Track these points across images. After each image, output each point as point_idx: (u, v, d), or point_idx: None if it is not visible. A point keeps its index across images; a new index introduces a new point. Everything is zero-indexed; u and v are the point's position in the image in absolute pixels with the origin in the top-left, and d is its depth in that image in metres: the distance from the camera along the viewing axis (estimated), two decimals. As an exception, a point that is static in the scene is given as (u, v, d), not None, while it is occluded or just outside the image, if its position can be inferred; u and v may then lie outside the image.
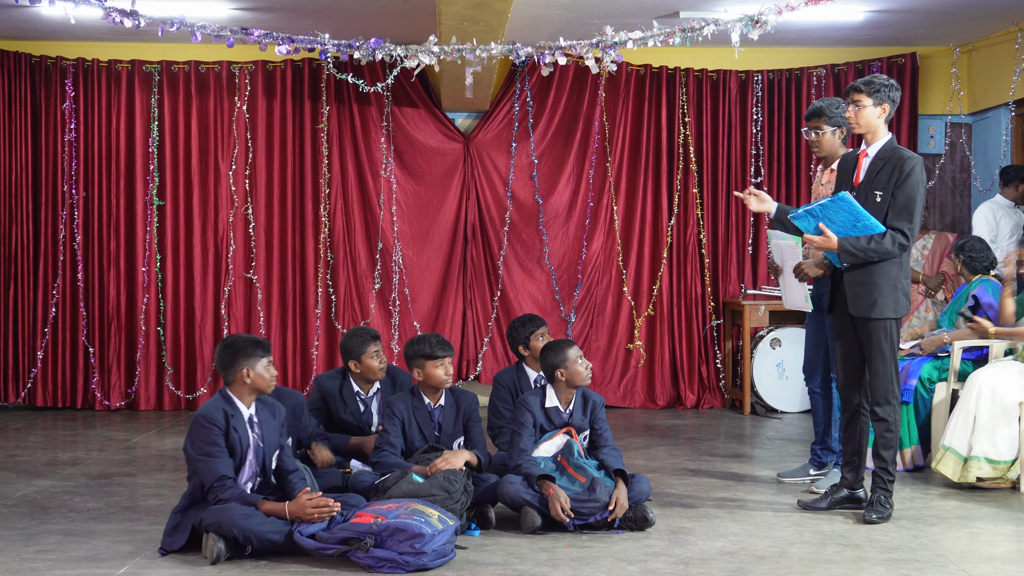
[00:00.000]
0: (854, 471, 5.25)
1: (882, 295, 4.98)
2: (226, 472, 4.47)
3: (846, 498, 5.26)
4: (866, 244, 4.91)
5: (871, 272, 4.98)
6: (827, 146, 5.69)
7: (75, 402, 8.52)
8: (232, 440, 4.53)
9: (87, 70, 8.48)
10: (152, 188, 8.50)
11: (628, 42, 6.39)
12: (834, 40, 8.51)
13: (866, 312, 5.00)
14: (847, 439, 5.25)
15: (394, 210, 8.61)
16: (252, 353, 4.61)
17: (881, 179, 4.98)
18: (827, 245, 4.96)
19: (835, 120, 5.64)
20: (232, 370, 4.60)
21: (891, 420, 5.06)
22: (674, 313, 8.73)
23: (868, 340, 5.05)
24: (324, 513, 4.40)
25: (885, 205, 4.95)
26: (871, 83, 5.02)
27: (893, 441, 5.08)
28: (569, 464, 5.00)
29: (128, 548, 4.63)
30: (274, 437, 4.70)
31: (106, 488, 5.80)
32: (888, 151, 5.03)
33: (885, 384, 5.05)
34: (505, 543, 4.74)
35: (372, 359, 5.59)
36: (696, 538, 4.79)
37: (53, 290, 8.46)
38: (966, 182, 8.85)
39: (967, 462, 5.69)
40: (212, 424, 4.50)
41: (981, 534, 4.90)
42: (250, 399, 4.64)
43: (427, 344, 5.17)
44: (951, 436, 5.76)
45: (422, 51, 6.45)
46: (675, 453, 6.82)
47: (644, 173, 8.71)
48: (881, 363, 5.03)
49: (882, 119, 5.04)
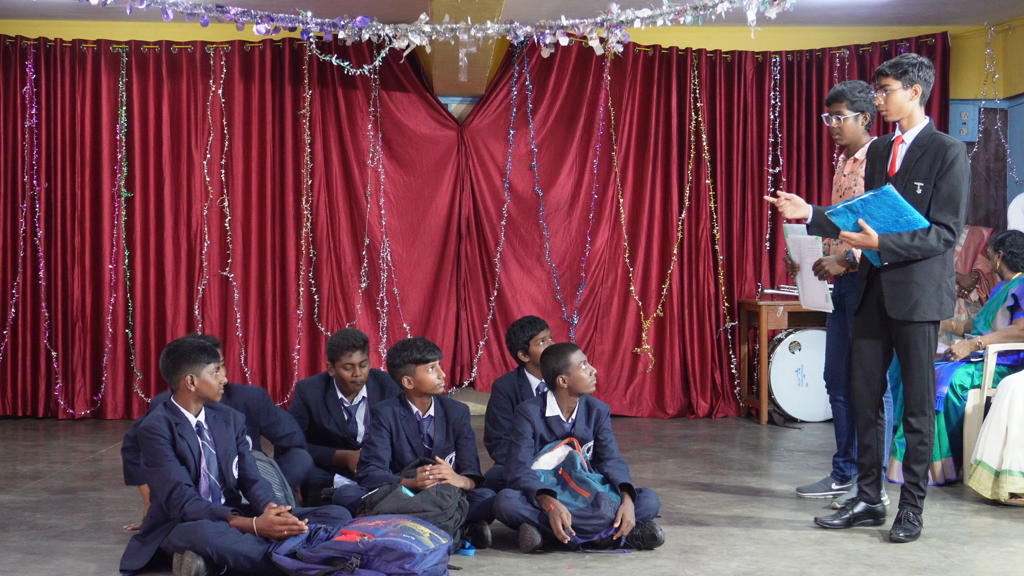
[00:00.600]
0: (873, 484, 5.26)
1: (925, 296, 4.94)
2: (180, 478, 4.50)
3: (864, 513, 5.27)
4: (909, 241, 4.86)
5: (912, 270, 4.93)
6: (849, 133, 5.67)
7: (36, 410, 8.52)
8: (181, 449, 4.57)
9: (49, 50, 8.48)
10: (120, 179, 8.50)
11: (635, 21, 6.40)
12: (858, 19, 8.52)
13: (907, 315, 4.95)
14: (863, 450, 5.25)
15: (382, 203, 8.62)
16: (197, 359, 4.64)
17: (922, 168, 4.94)
18: (867, 243, 4.91)
19: (858, 105, 5.62)
20: (175, 377, 4.65)
21: (926, 432, 5.04)
22: (685, 314, 8.74)
23: (906, 345, 5.01)
24: (293, 530, 4.42)
25: (927, 197, 4.90)
26: (898, 65, 5.00)
27: (927, 454, 5.07)
28: (571, 478, 5.01)
29: (94, 568, 4.63)
30: (231, 445, 4.71)
31: (70, 503, 5.80)
32: (927, 137, 4.99)
33: (922, 393, 5.02)
34: (502, 563, 4.74)
35: (344, 369, 5.62)
36: (709, 558, 4.80)
37: (12, 289, 8.45)
38: (1001, 172, 8.86)
39: (999, 476, 5.70)
40: (155, 434, 4.54)
41: (1017, 553, 4.90)
42: (197, 407, 4.68)
43: (414, 348, 5.19)
44: (982, 449, 5.77)
45: (412, 31, 6.46)
46: (686, 466, 6.83)
47: (653, 163, 8.72)
48: (919, 370, 5.01)
49: (915, 102, 5.01)
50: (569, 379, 5.13)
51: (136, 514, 5.46)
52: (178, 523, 4.45)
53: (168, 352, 4.69)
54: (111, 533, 5.17)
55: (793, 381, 8.35)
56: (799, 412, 8.34)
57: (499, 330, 8.58)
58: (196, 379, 4.63)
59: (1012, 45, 8.61)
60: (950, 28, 8.69)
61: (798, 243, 5.76)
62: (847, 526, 5.24)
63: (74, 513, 5.58)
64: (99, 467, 6.82)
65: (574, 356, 5.15)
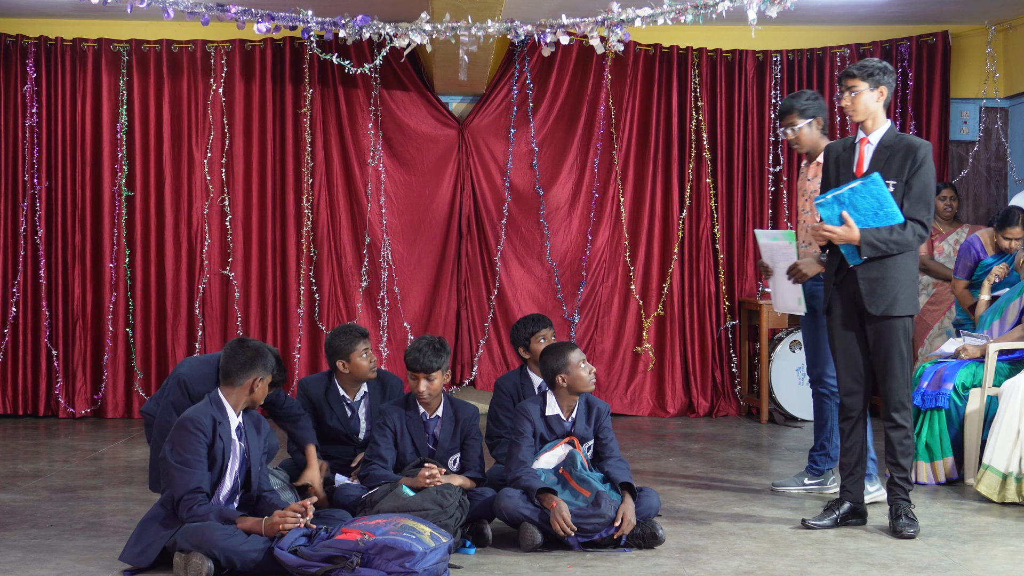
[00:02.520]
0: (859, 483, 5.29)
1: (903, 291, 5.03)
2: (200, 485, 4.47)
3: (850, 512, 5.29)
4: (888, 235, 4.96)
5: (889, 267, 5.02)
6: (806, 140, 5.82)
7: (37, 409, 8.52)
8: (215, 450, 4.54)
9: (50, 49, 8.47)
10: (120, 177, 8.49)
11: (636, 19, 6.40)
12: (859, 17, 8.52)
13: (887, 310, 5.03)
14: (849, 449, 5.27)
15: (383, 201, 8.61)
16: (268, 365, 4.67)
17: (892, 167, 5.04)
18: (848, 237, 4.99)
19: (809, 112, 5.79)
20: (243, 375, 4.62)
21: (909, 426, 5.12)
22: (686, 313, 8.74)
23: (885, 341, 5.08)
24: (297, 521, 4.40)
25: (899, 195, 5.01)
26: (865, 67, 5.11)
27: (911, 448, 5.14)
28: (572, 477, 5.01)
29: (94, 567, 4.63)
30: (258, 453, 4.71)
31: (70, 502, 5.80)
32: (893, 137, 5.11)
33: (903, 387, 5.10)
34: (503, 562, 4.74)
35: (361, 358, 5.62)
36: (709, 557, 4.80)
37: (13, 288, 8.45)
38: (1002, 171, 8.86)
39: (1006, 480, 5.69)
40: (199, 430, 4.50)
41: (1019, 552, 4.90)
42: (240, 407, 4.67)
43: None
44: (990, 453, 5.76)
45: (413, 29, 6.46)
46: (686, 465, 6.83)
47: (653, 162, 8.71)
48: (900, 364, 5.08)
49: (880, 103, 5.12)
50: (568, 378, 5.13)
51: (136, 513, 5.45)
52: (186, 523, 4.44)
53: (244, 347, 4.66)
54: (111, 532, 5.17)
55: (794, 380, 8.34)
56: (800, 411, 8.33)
57: (500, 329, 8.58)
58: (258, 383, 4.65)
59: (1013, 44, 8.61)
60: (951, 27, 8.68)
61: (771, 249, 5.86)
62: (835, 526, 5.25)
63: (74, 512, 5.57)
64: (100, 466, 6.82)
65: (573, 355, 5.15)
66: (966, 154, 8.83)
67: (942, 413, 6.23)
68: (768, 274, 5.97)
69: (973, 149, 8.81)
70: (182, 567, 4.37)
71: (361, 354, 5.61)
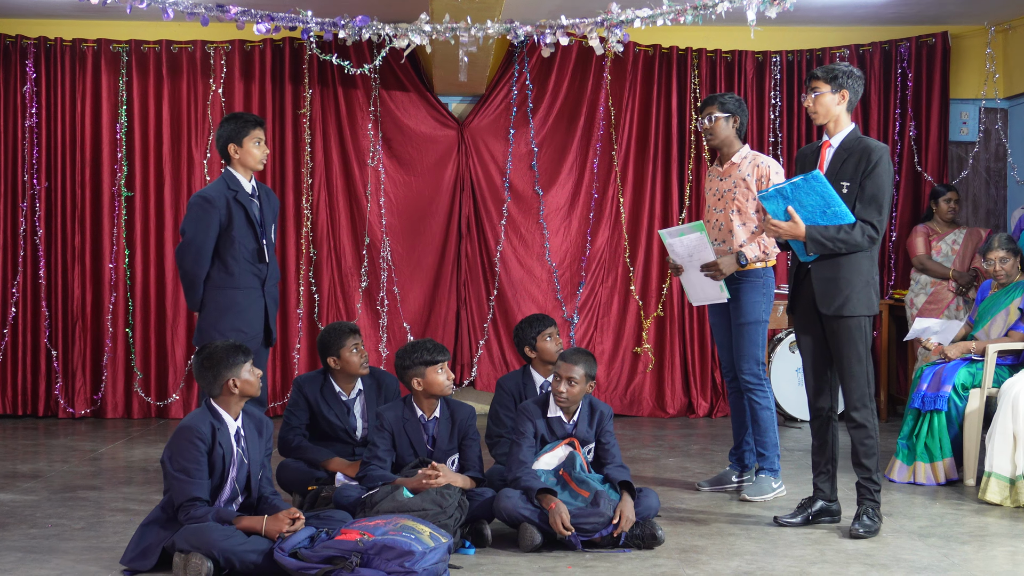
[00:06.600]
0: (829, 481, 5.32)
1: (855, 291, 5.04)
2: (200, 494, 4.48)
3: (821, 511, 5.31)
4: (835, 234, 4.98)
5: (842, 266, 5.05)
6: (720, 132, 5.92)
7: (36, 409, 8.52)
8: (215, 456, 4.55)
9: (49, 50, 8.48)
10: (120, 178, 8.50)
11: (635, 20, 6.41)
12: (858, 18, 8.52)
13: (838, 310, 5.06)
14: (819, 447, 5.30)
15: (382, 202, 8.62)
16: (234, 361, 4.63)
17: (847, 169, 5.08)
18: (794, 232, 5.02)
19: (728, 107, 5.90)
20: (216, 384, 4.61)
21: (870, 425, 5.12)
22: (685, 314, 8.74)
23: (841, 340, 5.10)
24: (298, 525, 4.42)
25: (852, 197, 5.04)
26: (830, 70, 5.16)
27: (874, 448, 5.13)
28: (571, 478, 5.01)
29: (94, 568, 4.63)
30: (259, 456, 4.71)
31: (70, 503, 5.79)
32: (853, 140, 5.15)
33: (862, 387, 5.10)
34: (502, 562, 4.74)
35: (351, 353, 5.66)
36: (709, 557, 4.80)
37: (12, 288, 8.45)
38: (1001, 172, 8.86)
39: (1015, 484, 5.69)
40: (198, 439, 4.51)
41: (1018, 553, 4.90)
42: (237, 408, 4.67)
43: (424, 350, 5.20)
44: (991, 459, 5.76)
45: (413, 30, 6.47)
46: (686, 465, 6.83)
47: (653, 162, 8.72)
48: (857, 364, 5.09)
49: (842, 107, 5.16)
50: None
51: (136, 513, 5.46)
52: (185, 524, 4.45)
53: (203, 360, 4.63)
54: (111, 533, 5.17)
55: (793, 381, 8.34)
56: (799, 412, 8.33)
57: (499, 329, 8.58)
58: (237, 381, 4.62)
59: (1012, 45, 8.61)
60: (950, 28, 8.69)
61: (682, 245, 5.89)
62: (806, 524, 5.27)
63: (74, 512, 5.57)
64: (99, 466, 6.82)
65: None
66: (966, 155, 8.83)
67: (942, 415, 6.23)
68: (679, 273, 6.02)
69: (973, 150, 8.81)
70: (181, 567, 4.37)
71: (351, 349, 5.66)
